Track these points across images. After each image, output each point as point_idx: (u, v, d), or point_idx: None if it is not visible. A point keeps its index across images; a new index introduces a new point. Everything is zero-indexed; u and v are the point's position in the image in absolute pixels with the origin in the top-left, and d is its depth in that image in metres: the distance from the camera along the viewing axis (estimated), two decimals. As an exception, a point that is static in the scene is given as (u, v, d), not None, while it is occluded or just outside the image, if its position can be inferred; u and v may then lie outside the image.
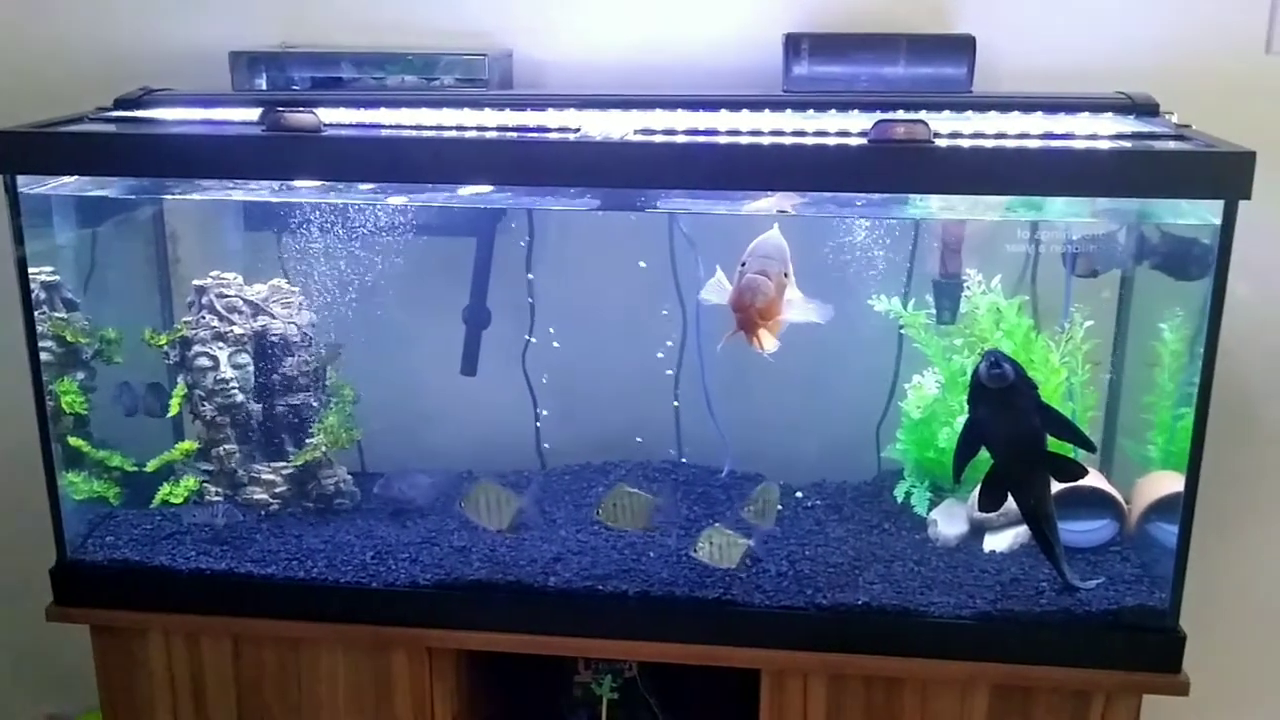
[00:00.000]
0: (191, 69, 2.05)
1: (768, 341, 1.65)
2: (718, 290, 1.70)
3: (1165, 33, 1.92)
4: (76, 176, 1.81)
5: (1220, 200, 1.50)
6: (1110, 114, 1.77)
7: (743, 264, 1.63)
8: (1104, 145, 1.58)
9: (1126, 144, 1.60)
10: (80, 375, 1.93)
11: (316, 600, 1.79)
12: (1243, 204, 1.48)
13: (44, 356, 1.82)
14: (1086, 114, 1.77)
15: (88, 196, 1.89)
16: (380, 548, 1.85)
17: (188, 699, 1.86)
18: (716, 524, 1.78)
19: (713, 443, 2.07)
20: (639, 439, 2.08)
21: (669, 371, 2.06)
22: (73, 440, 1.90)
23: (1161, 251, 1.77)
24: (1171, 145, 1.57)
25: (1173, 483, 1.71)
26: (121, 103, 1.89)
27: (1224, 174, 1.48)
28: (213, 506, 1.89)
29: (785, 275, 1.63)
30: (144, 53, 2.09)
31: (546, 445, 2.13)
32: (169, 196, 2.00)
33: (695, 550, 1.76)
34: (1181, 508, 1.61)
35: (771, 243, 1.63)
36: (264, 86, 2.00)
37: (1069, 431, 1.66)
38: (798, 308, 1.67)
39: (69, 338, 1.90)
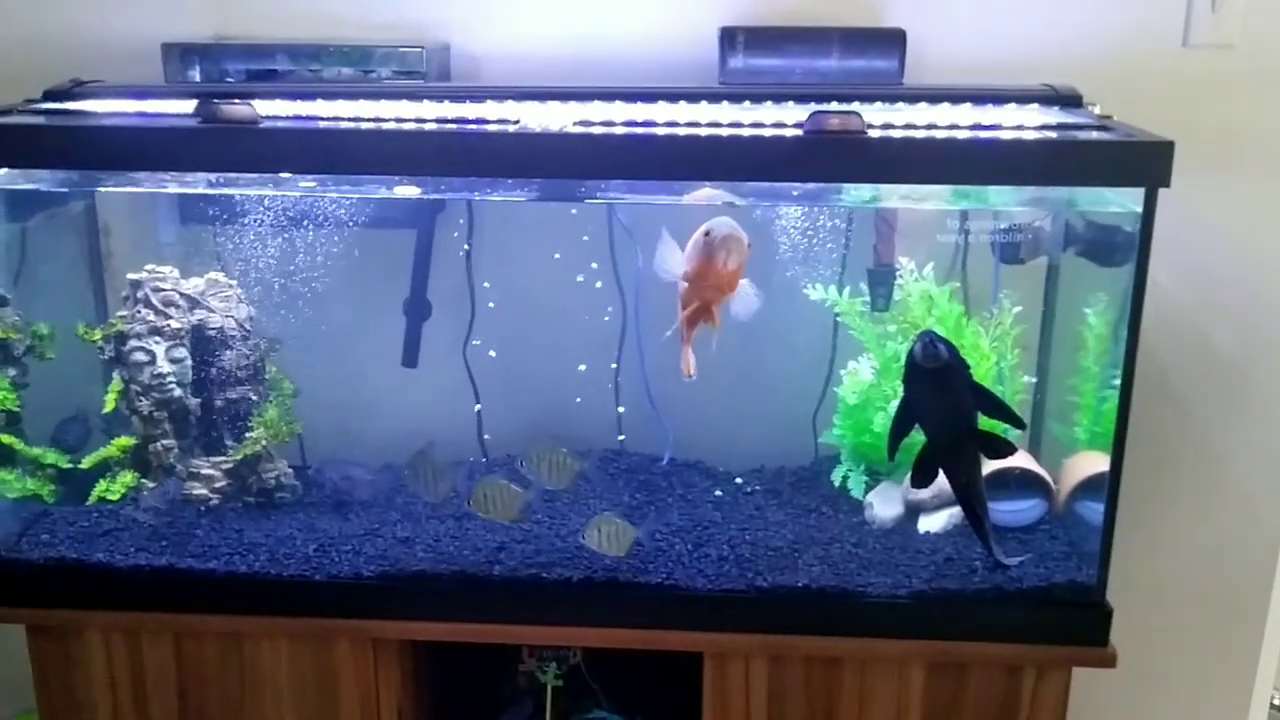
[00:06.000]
0: (122, 61, 2.02)
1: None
2: (671, 259, 1.69)
3: (1087, 27, 1.97)
4: (5, 169, 1.77)
5: (1141, 188, 1.55)
6: (1035, 105, 1.82)
7: (706, 232, 1.63)
8: (1030, 136, 1.64)
9: (1052, 134, 1.65)
10: (11, 372, 1.90)
11: (259, 594, 1.79)
12: (1162, 193, 1.54)
13: (-27, 353, 1.80)
14: (1013, 105, 1.81)
15: (17, 189, 1.86)
16: (323, 540, 1.85)
17: (128, 697, 1.84)
18: (606, 511, 1.80)
19: (654, 430, 2.09)
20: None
21: (611, 365, 2.08)
22: (5, 438, 1.87)
23: (1086, 238, 1.83)
24: (1094, 135, 1.62)
25: (1098, 463, 1.76)
26: (51, 95, 1.86)
27: (1145, 163, 1.54)
28: (160, 485, 1.87)
29: (748, 246, 1.65)
30: (73, 44, 2.05)
31: (487, 435, 2.13)
32: (101, 189, 1.97)
33: (584, 537, 1.78)
34: (1107, 486, 1.67)
35: (729, 219, 1.65)
36: (197, 79, 1.98)
37: (999, 410, 1.70)
38: (744, 293, 1.69)
39: (-1, 334, 1.88)
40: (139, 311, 1.90)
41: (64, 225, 2.02)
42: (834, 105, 1.69)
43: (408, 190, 1.80)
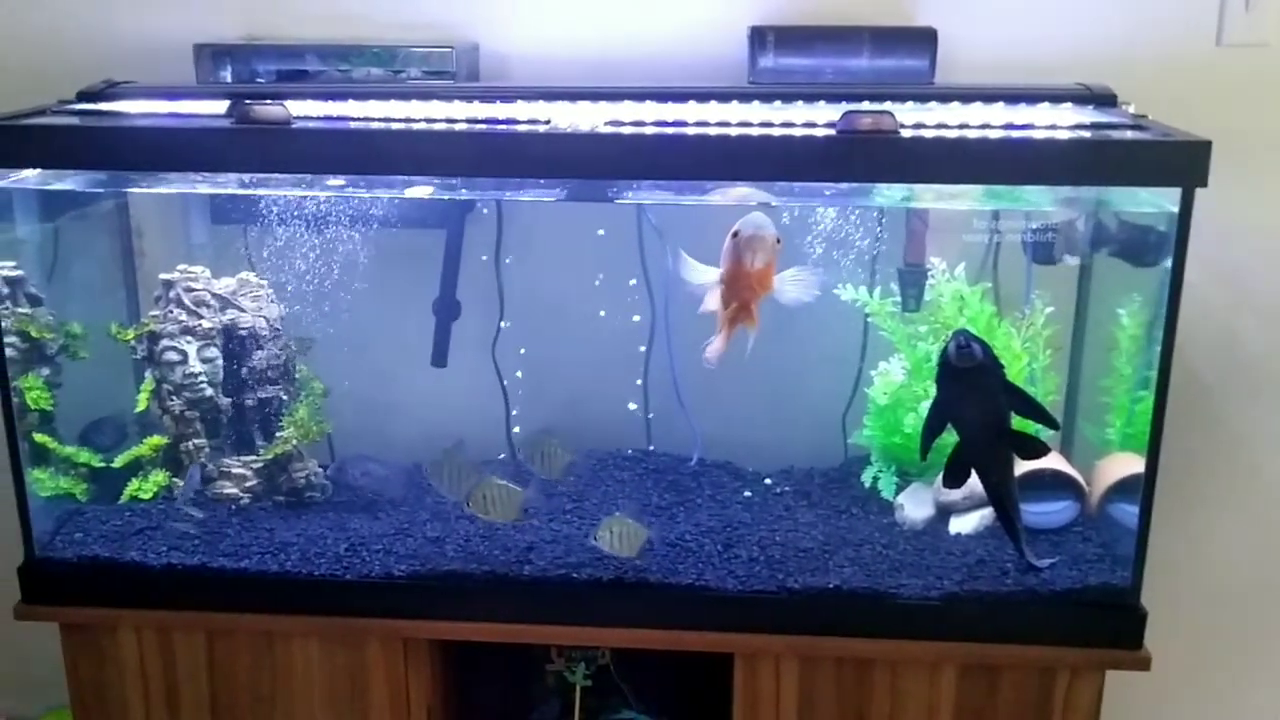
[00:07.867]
0: (154, 62, 2.03)
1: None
2: (697, 270, 1.69)
3: (1121, 25, 1.96)
4: (39, 170, 1.78)
5: (1178, 188, 1.54)
6: (1069, 104, 1.81)
7: (735, 234, 1.63)
8: (1064, 135, 1.62)
9: (1086, 134, 1.65)
10: (45, 371, 1.91)
11: (290, 593, 1.79)
12: (1196, 193, 1.53)
13: (8, 352, 1.79)
14: (1046, 105, 1.80)
15: (50, 190, 1.87)
16: (353, 540, 1.85)
17: (160, 695, 1.85)
18: (618, 513, 1.80)
19: (682, 431, 2.09)
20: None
21: (640, 365, 2.08)
22: (39, 436, 1.89)
23: (1120, 239, 1.81)
24: (1130, 135, 1.61)
25: (1131, 464, 1.75)
26: (84, 95, 1.87)
27: (1182, 163, 1.52)
28: (187, 483, 1.88)
29: (778, 242, 1.64)
30: (106, 45, 2.07)
31: (516, 429, 2.13)
32: (133, 190, 1.98)
33: (595, 538, 1.78)
34: (1142, 488, 1.65)
35: (760, 217, 1.64)
36: (228, 79, 1.99)
37: (1033, 409, 1.69)
38: (790, 282, 1.68)
39: (33, 333, 1.88)
40: (171, 311, 1.91)
41: (96, 225, 2.04)
42: (866, 105, 1.69)
43: (424, 190, 1.80)
